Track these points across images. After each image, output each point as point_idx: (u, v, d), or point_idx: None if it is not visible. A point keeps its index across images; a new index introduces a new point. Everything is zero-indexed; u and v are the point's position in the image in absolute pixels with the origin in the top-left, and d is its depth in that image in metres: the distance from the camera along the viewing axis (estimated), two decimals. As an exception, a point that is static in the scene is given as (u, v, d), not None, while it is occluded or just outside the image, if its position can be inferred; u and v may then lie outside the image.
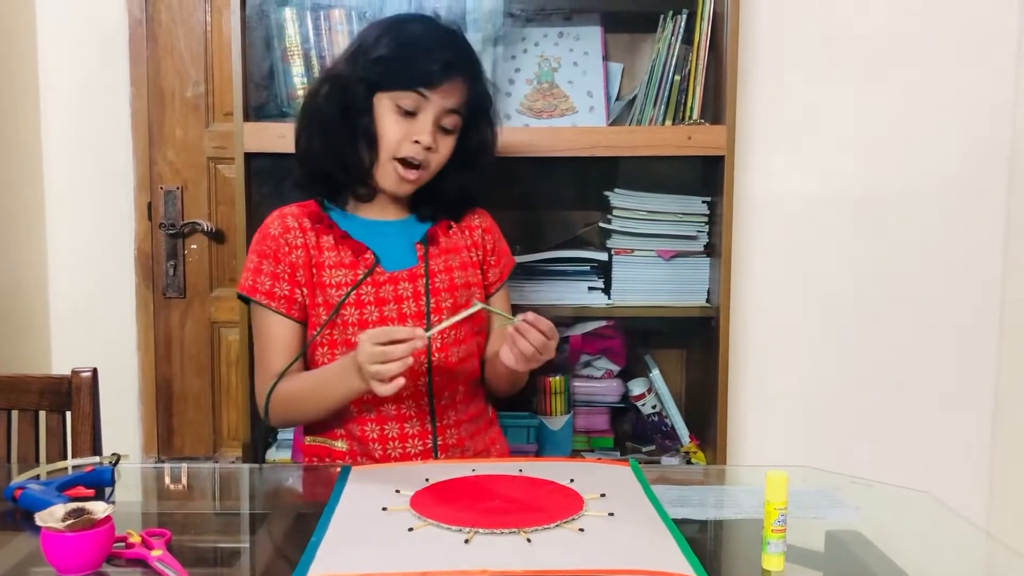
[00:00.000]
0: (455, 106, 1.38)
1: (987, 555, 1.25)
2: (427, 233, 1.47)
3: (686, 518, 1.15)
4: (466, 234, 1.52)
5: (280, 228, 1.42)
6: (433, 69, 1.35)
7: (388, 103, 1.37)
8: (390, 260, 1.42)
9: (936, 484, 1.37)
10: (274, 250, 1.41)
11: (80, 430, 1.48)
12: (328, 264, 1.41)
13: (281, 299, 1.40)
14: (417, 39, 1.37)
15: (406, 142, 1.37)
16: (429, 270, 1.43)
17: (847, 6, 2.22)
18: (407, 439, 1.41)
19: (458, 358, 1.44)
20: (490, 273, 1.53)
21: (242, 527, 1.28)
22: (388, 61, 1.35)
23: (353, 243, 1.42)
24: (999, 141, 2.24)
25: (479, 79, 1.42)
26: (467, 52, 1.42)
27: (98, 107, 2.30)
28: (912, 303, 2.28)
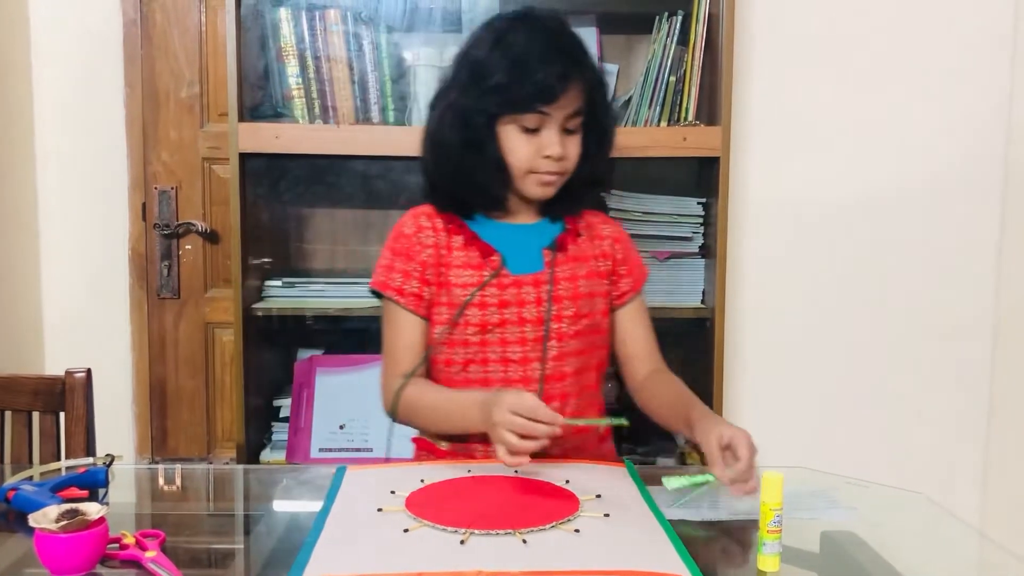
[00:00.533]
0: (575, 109, 1.35)
1: (981, 555, 1.25)
2: (556, 239, 1.45)
3: (682, 519, 1.15)
4: (595, 243, 1.48)
5: (413, 227, 1.43)
6: (549, 84, 1.31)
7: (512, 126, 1.36)
8: (517, 263, 1.41)
9: (930, 485, 1.37)
10: (407, 248, 1.42)
11: (74, 431, 1.47)
12: (456, 264, 1.41)
13: (410, 296, 1.41)
14: (527, 54, 1.32)
15: (537, 158, 1.37)
16: (554, 277, 1.41)
17: (842, 8, 2.23)
18: None
19: (573, 368, 1.42)
20: (621, 283, 1.49)
21: (236, 528, 1.28)
22: (504, 88, 1.33)
23: (481, 244, 1.42)
24: (994, 144, 2.25)
25: (595, 71, 1.38)
26: (577, 50, 1.36)
27: (92, 107, 2.30)
28: (906, 304, 2.28)
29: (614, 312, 1.49)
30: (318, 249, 2.30)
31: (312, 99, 2.02)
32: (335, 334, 2.21)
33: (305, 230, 2.30)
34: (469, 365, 1.40)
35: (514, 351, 1.39)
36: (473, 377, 1.40)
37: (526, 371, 1.38)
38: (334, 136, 1.98)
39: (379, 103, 2.03)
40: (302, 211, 2.29)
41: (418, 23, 2.08)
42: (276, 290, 2.11)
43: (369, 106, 2.03)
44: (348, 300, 2.08)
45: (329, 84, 2.01)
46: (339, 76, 2.01)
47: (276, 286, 2.11)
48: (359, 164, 2.22)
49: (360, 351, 2.14)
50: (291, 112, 2.02)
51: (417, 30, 2.09)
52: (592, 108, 1.38)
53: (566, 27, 1.38)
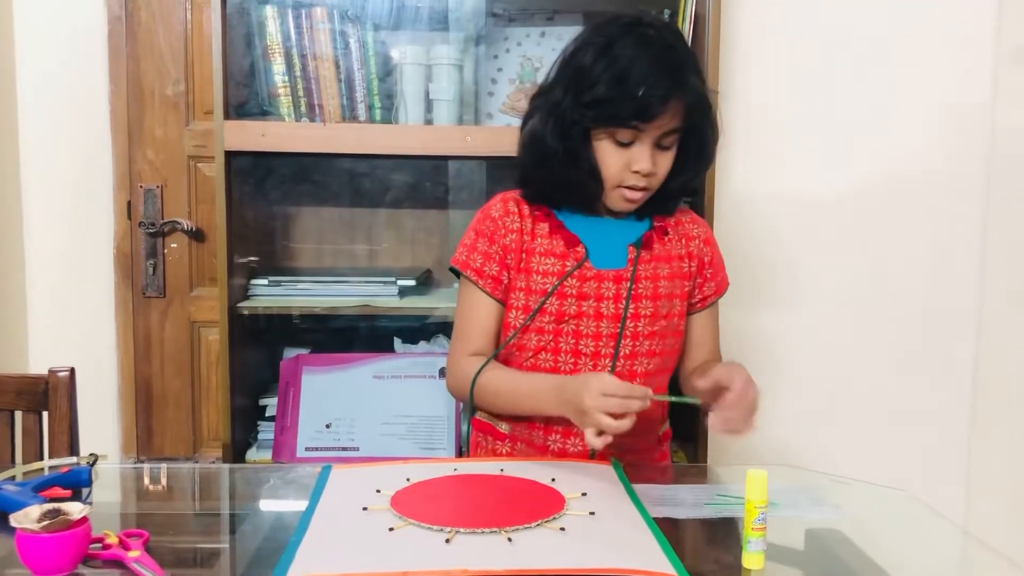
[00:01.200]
0: (672, 128, 1.35)
1: (965, 552, 1.26)
2: (642, 237, 1.44)
3: (667, 516, 1.15)
4: (683, 243, 1.48)
5: (500, 211, 1.45)
6: (649, 104, 1.30)
7: (605, 136, 1.36)
8: (600, 257, 1.41)
9: (915, 482, 1.38)
10: (491, 231, 1.43)
11: (57, 430, 1.46)
12: (539, 251, 1.41)
13: (488, 278, 1.42)
14: (631, 70, 1.30)
15: (626, 172, 1.36)
16: (636, 274, 1.41)
17: (827, 7, 2.24)
18: (569, 435, 1.40)
19: (644, 369, 1.42)
20: (706, 287, 1.49)
21: (222, 528, 1.27)
22: (604, 103, 1.32)
23: (567, 234, 1.42)
24: (977, 142, 2.27)
25: (698, 88, 1.36)
26: (683, 70, 1.33)
27: (76, 105, 2.28)
28: (891, 301, 2.29)
29: (690, 315, 1.49)
30: (304, 248, 2.29)
31: (298, 97, 2.01)
32: (321, 333, 2.21)
33: (291, 228, 2.29)
34: (540, 353, 1.41)
35: (587, 345, 1.40)
36: (542, 366, 1.41)
37: (596, 366, 1.39)
38: (320, 134, 1.97)
39: (366, 101, 2.03)
40: (288, 209, 2.28)
41: (405, 21, 2.08)
42: (262, 289, 2.10)
43: (356, 104, 2.02)
44: (334, 299, 2.07)
45: (315, 82, 2.01)
46: (325, 74, 2.01)
47: (262, 285, 2.10)
48: (346, 162, 2.22)
49: (347, 350, 2.13)
50: (277, 110, 2.02)
51: (404, 28, 2.09)
52: (691, 125, 1.37)
53: (675, 40, 1.37)
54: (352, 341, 2.18)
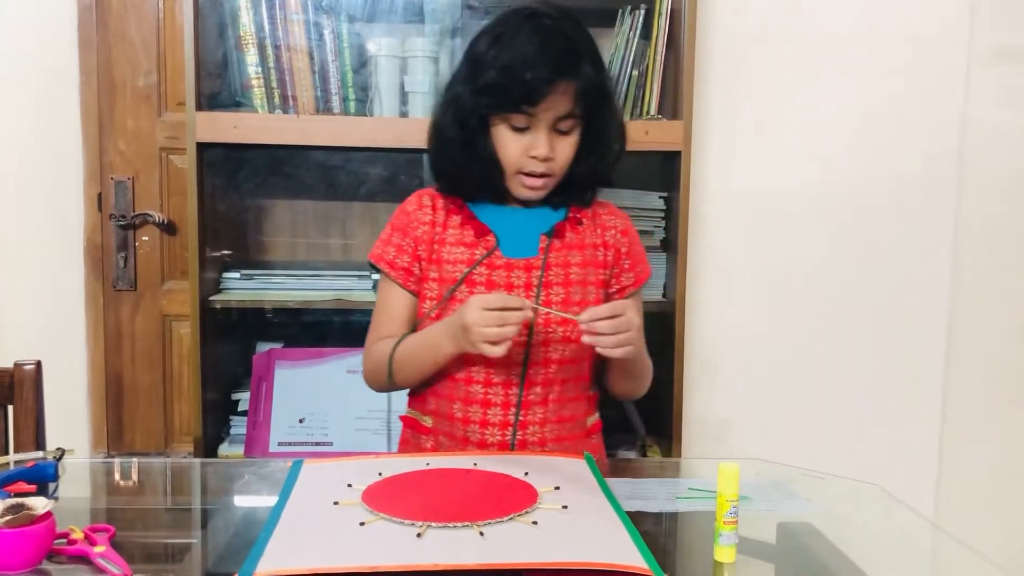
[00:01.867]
0: (566, 112, 1.36)
1: (934, 545, 1.27)
2: (555, 226, 1.45)
3: (640, 511, 1.15)
4: (598, 232, 1.49)
5: (415, 205, 1.48)
6: (534, 88, 1.33)
7: (502, 124, 1.38)
8: (511, 247, 1.42)
9: (885, 477, 1.39)
10: (404, 224, 1.47)
11: (23, 424, 1.44)
12: (450, 241, 1.44)
13: (400, 270, 1.45)
14: (519, 55, 1.33)
15: (524, 157, 1.38)
16: (547, 263, 1.42)
17: (803, 5, 2.24)
18: (487, 426, 1.40)
19: (560, 356, 1.42)
20: (623, 277, 1.50)
21: (192, 522, 1.26)
22: (492, 88, 1.35)
23: (477, 224, 1.44)
24: (950, 140, 2.29)
25: (591, 74, 1.37)
26: (572, 56, 1.36)
27: (46, 95, 2.25)
28: (864, 299, 2.31)
29: None
30: (277, 241, 2.27)
31: (272, 88, 1.99)
32: (294, 327, 2.19)
33: (264, 221, 2.27)
34: None
35: None
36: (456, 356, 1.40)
37: (509, 355, 1.37)
38: (294, 126, 1.96)
39: (340, 93, 2.01)
40: (261, 202, 2.26)
41: (379, 13, 2.06)
42: (234, 282, 2.08)
43: (330, 96, 2.01)
44: (307, 292, 2.06)
45: (289, 74, 1.99)
46: (299, 66, 1.99)
47: (234, 278, 2.08)
48: (319, 155, 2.20)
49: (320, 344, 2.12)
50: (250, 102, 2.00)
51: (378, 20, 2.07)
52: (590, 108, 1.38)
53: (571, 28, 1.38)
54: (325, 335, 2.16)
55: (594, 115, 1.40)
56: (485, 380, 1.40)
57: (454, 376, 1.42)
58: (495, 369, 1.39)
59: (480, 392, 1.41)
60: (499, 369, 1.39)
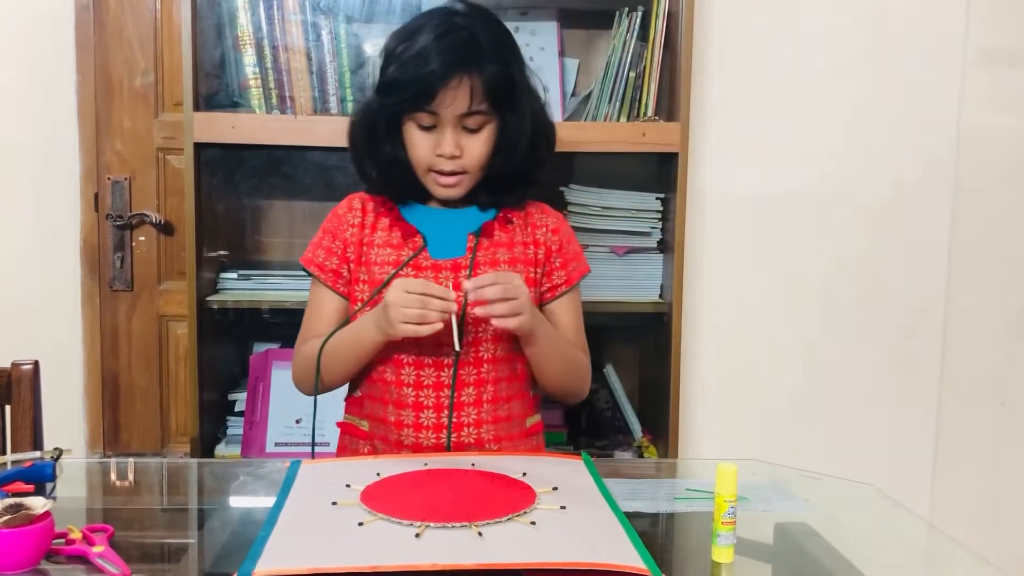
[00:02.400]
0: (468, 108, 1.35)
1: (930, 545, 1.28)
2: (482, 225, 1.45)
3: (638, 511, 1.16)
4: (528, 231, 1.47)
5: (346, 208, 1.49)
6: (428, 81, 1.32)
7: (411, 123, 1.38)
8: (438, 248, 1.42)
9: (882, 477, 1.39)
10: (334, 227, 1.47)
11: (20, 424, 1.44)
12: (377, 243, 1.44)
13: (329, 272, 1.46)
14: (416, 52, 1.33)
15: (432, 156, 1.38)
16: (474, 262, 1.41)
17: (799, 9, 2.25)
18: (421, 428, 1.39)
19: (491, 355, 1.41)
20: (554, 276, 1.47)
21: (190, 523, 1.26)
22: (391, 86, 1.36)
23: (405, 226, 1.44)
24: (945, 144, 2.29)
25: (493, 69, 1.35)
26: (468, 48, 1.34)
27: (43, 95, 2.24)
28: (860, 300, 2.32)
29: (543, 305, 1.48)
30: (274, 241, 2.27)
31: (269, 89, 1.99)
32: (291, 327, 2.15)
33: (261, 222, 2.27)
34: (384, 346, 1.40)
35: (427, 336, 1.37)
36: (386, 356, 1.41)
37: (439, 354, 1.38)
38: (291, 126, 1.96)
39: (337, 94, 2.01)
40: (258, 202, 2.26)
41: (377, 13, 2.06)
42: (231, 282, 2.08)
43: (327, 97, 2.01)
44: (305, 293, 2.03)
45: (287, 74, 1.99)
46: (297, 66, 1.99)
47: (231, 278, 2.08)
48: (317, 155, 2.19)
49: (317, 344, 2.11)
50: (248, 102, 2.00)
51: (376, 21, 2.07)
52: (501, 103, 1.37)
53: (480, 24, 1.37)
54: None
55: (505, 111, 1.38)
56: (416, 383, 1.39)
57: (385, 379, 1.41)
58: (425, 371, 1.39)
59: (411, 395, 1.39)
60: (429, 371, 1.39)
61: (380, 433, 1.43)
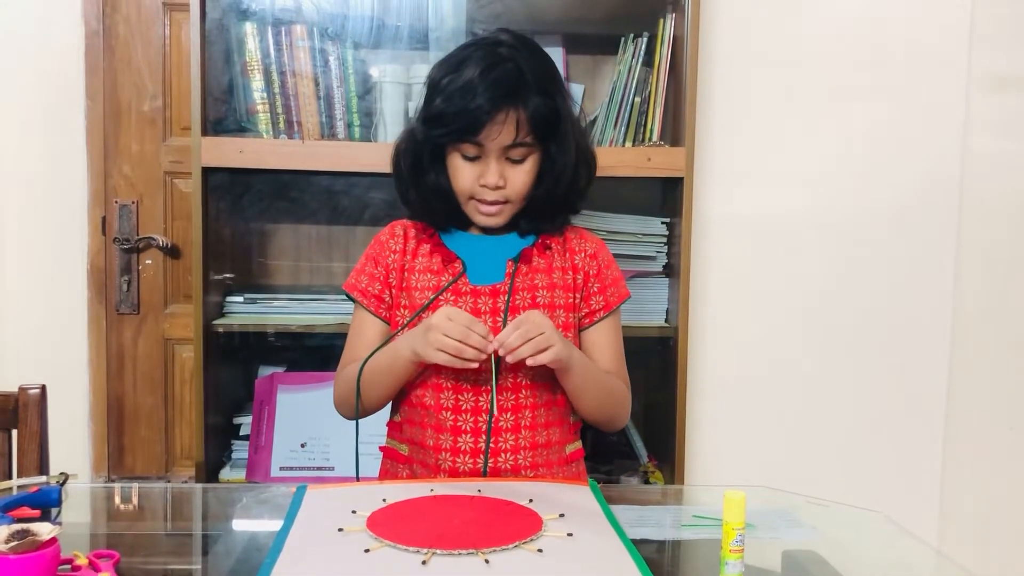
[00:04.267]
0: (513, 140, 1.36)
1: (938, 572, 1.27)
2: (521, 251, 1.45)
3: (645, 538, 1.15)
4: (567, 256, 1.48)
5: (387, 234, 1.50)
6: (475, 115, 1.33)
7: (455, 153, 1.40)
8: (478, 273, 1.43)
9: (889, 503, 1.39)
10: (376, 253, 1.49)
11: (27, 449, 1.44)
12: (419, 269, 1.45)
13: (372, 297, 1.47)
14: (463, 85, 1.34)
15: (475, 186, 1.39)
16: (513, 287, 1.41)
17: (804, 33, 2.26)
18: (458, 453, 1.39)
19: (531, 380, 1.40)
20: (592, 301, 1.47)
21: (194, 548, 1.25)
22: (438, 118, 1.37)
23: (445, 252, 1.45)
24: (949, 169, 2.30)
25: (539, 102, 1.36)
26: (514, 81, 1.35)
27: (52, 119, 2.26)
28: (866, 324, 2.31)
29: (583, 330, 1.48)
30: (281, 265, 2.28)
31: (277, 114, 2.00)
32: (297, 351, 2.19)
33: (268, 246, 2.28)
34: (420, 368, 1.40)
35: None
36: (425, 379, 1.41)
37: (478, 379, 1.38)
38: (299, 151, 1.97)
39: (344, 119, 2.02)
40: (265, 226, 2.27)
41: (385, 40, 2.08)
42: (237, 306, 2.08)
43: (334, 122, 2.02)
44: (310, 316, 2.06)
45: (294, 99, 2.00)
46: (304, 91, 2.00)
47: (238, 302, 2.08)
48: (323, 180, 2.21)
49: (322, 368, 2.11)
50: (255, 127, 2.01)
51: (384, 47, 2.09)
52: (542, 137, 1.38)
53: (522, 53, 1.38)
54: (328, 359, 2.15)
55: (549, 142, 1.40)
56: (455, 407, 1.39)
57: (425, 403, 1.41)
58: (464, 396, 1.39)
59: (450, 419, 1.39)
60: (467, 395, 1.39)
61: (419, 457, 1.43)
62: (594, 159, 1.48)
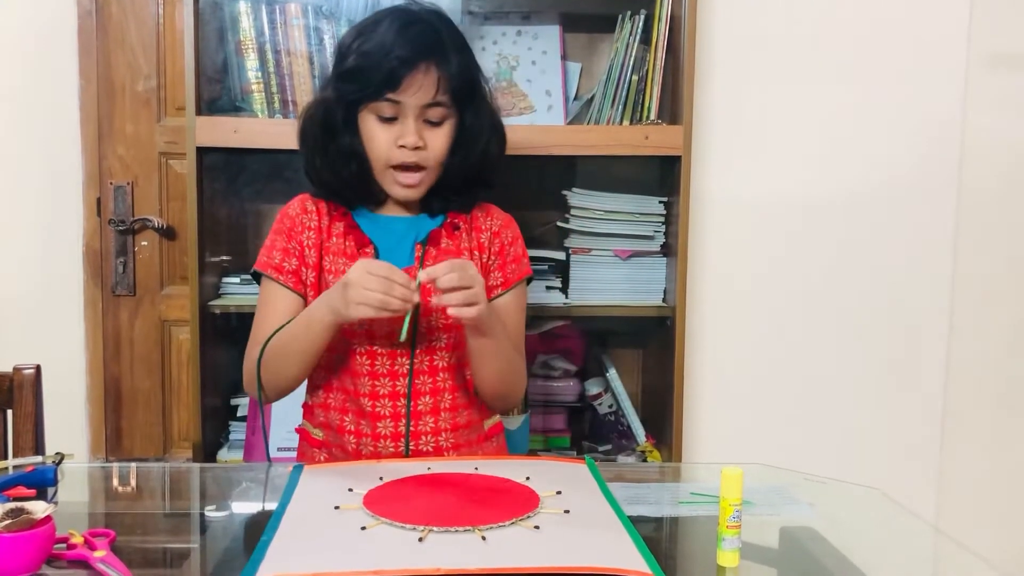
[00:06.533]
0: (432, 99, 1.34)
1: (936, 548, 1.27)
2: (429, 233, 1.42)
3: (642, 515, 1.15)
4: (472, 236, 1.45)
5: (298, 209, 1.45)
6: (392, 69, 1.31)
7: (370, 115, 1.36)
8: (389, 257, 1.37)
9: (887, 480, 1.39)
10: (288, 228, 1.43)
11: (22, 429, 1.44)
12: (333, 251, 1.42)
13: (289, 273, 1.41)
14: (378, 42, 1.32)
15: (393, 148, 1.35)
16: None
17: (802, 11, 2.25)
18: (379, 438, 1.39)
19: (446, 363, 1.40)
20: (490, 277, 1.44)
21: (192, 527, 1.25)
22: (352, 74, 1.34)
23: (358, 235, 1.42)
24: (948, 148, 2.29)
25: (457, 61, 1.35)
26: (433, 38, 1.34)
27: (46, 100, 2.25)
28: (864, 303, 2.31)
29: None
30: (277, 245, 2.26)
31: (272, 93, 1.99)
32: (294, 332, 2.18)
33: (264, 226, 2.26)
34: (333, 354, 1.39)
35: (382, 344, 1.38)
36: (339, 365, 1.40)
37: (394, 365, 1.38)
38: (294, 131, 1.91)
39: (340, 98, 2.01)
40: (261, 207, 2.25)
41: (380, 18, 2.06)
42: (234, 287, 2.08)
43: (330, 101, 2.00)
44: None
45: (289, 78, 1.99)
46: (299, 70, 1.99)
47: (234, 283, 2.08)
48: (319, 160, 2.19)
49: (320, 349, 2.11)
50: (250, 106, 2.00)
51: (379, 25, 2.07)
52: (460, 98, 1.36)
53: (440, 20, 1.37)
54: (325, 340, 2.16)
55: (465, 108, 1.38)
56: (371, 393, 1.38)
57: (345, 388, 1.40)
58: (380, 381, 1.38)
59: (368, 405, 1.38)
60: (384, 381, 1.38)
61: (336, 442, 1.42)
62: (504, 133, 1.45)
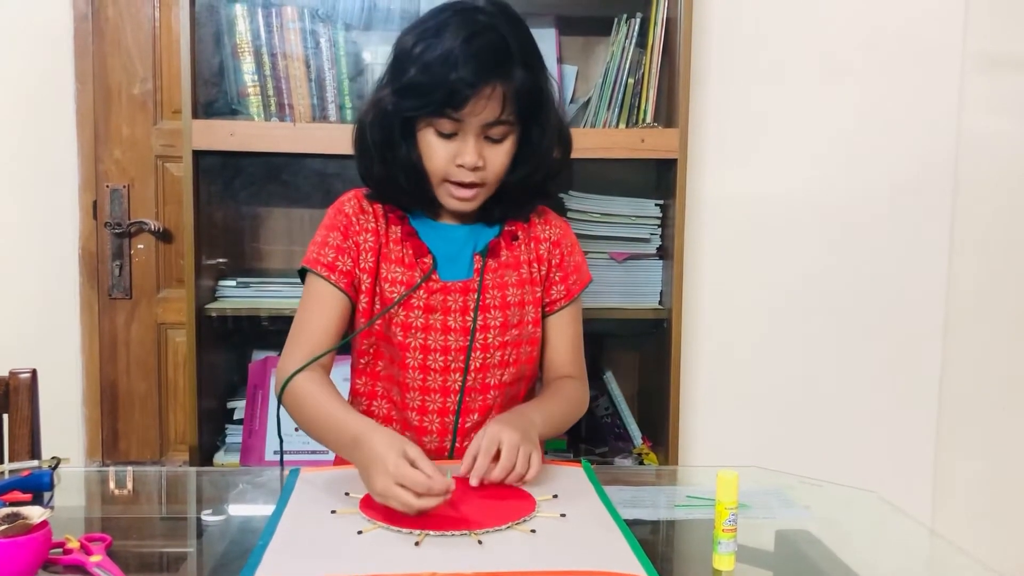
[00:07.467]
0: (495, 118, 1.26)
1: (931, 551, 1.27)
2: (489, 244, 1.37)
3: (638, 519, 1.15)
4: (531, 247, 1.40)
5: (354, 208, 1.37)
6: (458, 88, 1.22)
7: (429, 128, 1.28)
8: (447, 269, 1.34)
9: (882, 483, 1.39)
10: (345, 225, 1.35)
11: (18, 433, 1.43)
12: (391, 258, 1.34)
13: (341, 273, 1.33)
14: (443, 54, 1.22)
15: (451, 165, 1.28)
16: (483, 284, 1.34)
17: (797, 14, 2.25)
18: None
19: (498, 381, 1.36)
20: (553, 291, 1.40)
21: (188, 531, 1.25)
22: (413, 89, 1.25)
23: (417, 243, 1.35)
24: (944, 150, 2.29)
25: (524, 76, 1.26)
26: (501, 54, 1.24)
27: (42, 103, 2.24)
28: (860, 305, 2.31)
29: (544, 319, 1.42)
30: (273, 249, 2.27)
31: (268, 96, 1.99)
32: (291, 335, 2.18)
33: (260, 229, 2.27)
34: (378, 361, 1.37)
35: (435, 360, 1.34)
36: (388, 373, 1.37)
37: (446, 382, 1.34)
38: (290, 134, 1.96)
39: (336, 101, 2.01)
40: (257, 210, 2.26)
41: (376, 21, 2.06)
42: (230, 290, 2.07)
43: (326, 104, 2.01)
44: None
45: (285, 81, 1.99)
46: (296, 74, 1.99)
47: (230, 286, 2.07)
48: (315, 163, 2.20)
49: (316, 352, 2.11)
50: (246, 109, 2.00)
51: (375, 28, 2.07)
52: (524, 113, 1.29)
53: (503, 21, 1.27)
54: (322, 343, 2.15)
55: (529, 121, 1.30)
56: (420, 408, 1.35)
57: (390, 397, 1.37)
58: (431, 396, 1.34)
59: (415, 419, 1.36)
60: (435, 397, 1.34)
61: None
62: (570, 140, 1.39)
